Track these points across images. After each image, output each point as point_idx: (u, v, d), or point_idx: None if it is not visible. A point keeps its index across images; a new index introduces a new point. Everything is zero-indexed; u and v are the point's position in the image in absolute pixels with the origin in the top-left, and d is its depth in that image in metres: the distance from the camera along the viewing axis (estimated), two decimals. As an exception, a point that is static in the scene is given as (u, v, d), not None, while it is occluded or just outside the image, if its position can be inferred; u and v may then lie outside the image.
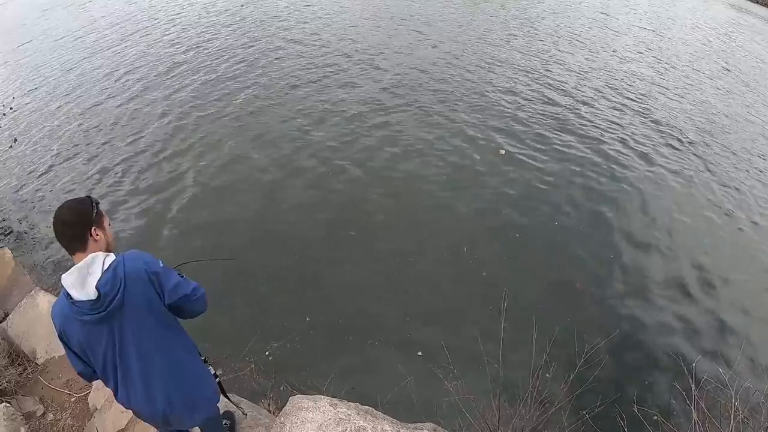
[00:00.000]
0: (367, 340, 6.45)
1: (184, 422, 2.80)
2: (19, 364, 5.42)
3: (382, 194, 9.00)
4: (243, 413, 3.88)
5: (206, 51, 15.69)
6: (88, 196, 2.56)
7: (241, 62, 14.65)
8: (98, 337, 2.43)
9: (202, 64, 14.73)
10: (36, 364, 5.47)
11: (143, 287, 2.41)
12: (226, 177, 9.56)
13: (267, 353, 6.19)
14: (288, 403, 3.25)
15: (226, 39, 16.56)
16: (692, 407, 4.32)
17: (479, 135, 10.95)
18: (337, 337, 6.50)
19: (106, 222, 2.56)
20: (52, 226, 2.45)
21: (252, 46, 15.79)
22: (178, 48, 16.26)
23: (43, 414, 5.01)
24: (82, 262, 2.36)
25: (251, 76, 13.67)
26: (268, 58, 14.92)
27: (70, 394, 5.15)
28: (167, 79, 13.91)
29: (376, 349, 6.32)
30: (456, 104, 12.35)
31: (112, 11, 20.72)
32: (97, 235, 2.45)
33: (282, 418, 3.15)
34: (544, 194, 9.13)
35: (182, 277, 2.63)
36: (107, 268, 2.36)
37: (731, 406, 4.34)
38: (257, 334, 6.22)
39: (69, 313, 2.38)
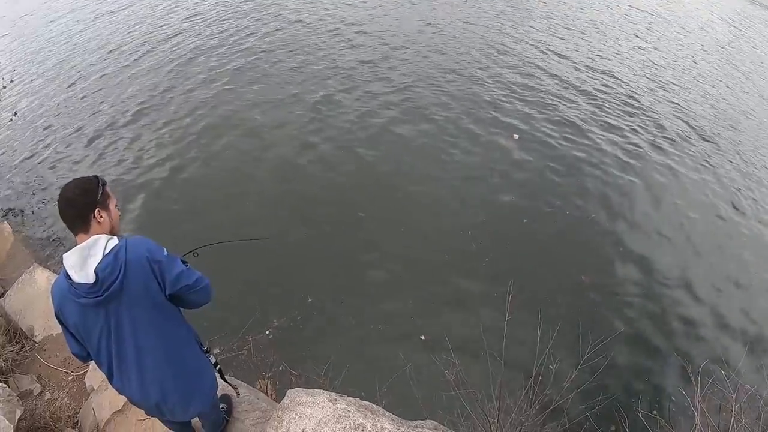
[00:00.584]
0: (369, 324, 6.42)
1: (176, 415, 2.76)
2: (16, 342, 5.41)
3: (392, 176, 8.93)
4: (237, 393, 3.86)
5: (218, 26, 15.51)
6: (96, 176, 2.50)
7: (249, 35, 14.57)
8: (94, 321, 2.39)
9: (206, 36, 14.65)
10: (34, 341, 5.46)
11: (144, 275, 2.37)
12: (232, 154, 9.50)
13: (267, 332, 6.18)
14: (286, 397, 3.20)
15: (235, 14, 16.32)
16: (695, 411, 4.26)
17: (492, 118, 10.84)
18: (338, 319, 6.48)
19: (112, 203, 2.51)
20: (56, 204, 2.41)
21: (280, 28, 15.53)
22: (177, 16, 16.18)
23: (41, 393, 5.01)
24: (84, 243, 2.33)
25: (264, 55, 13.48)
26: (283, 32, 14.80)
27: (67, 373, 5.15)
28: (170, 48, 13.82)
29: (377, 334, 6.29)
30: (470, 87, 12.19)
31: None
32: (101, 217, 2.41)
33: (280, 412, 3.10)
34: (555, 183, 9.03)
35: (186, 265, 2.57)
36: (108, 252, 2.32)
37: (734, 412, 4.31)
38: (257, 313, 6.21)
39: (67, 293, 2.35)
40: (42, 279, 5.79)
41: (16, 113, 11.53)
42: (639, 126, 11.27)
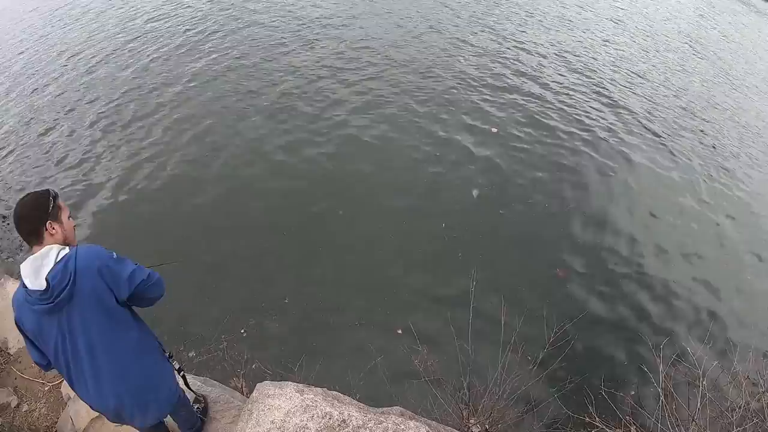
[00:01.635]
0: (344, 321, 6.50)
1: (136, 420, 2.79)
2: (-10, 355, 5.39)
3: (367, 172, 9.03)
4: (203, 401, 3.99)
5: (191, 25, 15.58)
6: (47, 190, 2.57)
7: (218, 37, 14.62)
8: (49, 328, 2.45)
9: (177, 35, 14.72)
10: (8, 354, 5.45)
11: (94, 282, 2.44)
12: (204, 154, 9.55)
13: (242, 331, 6.25)
14: (255, 391, 3.28)
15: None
16: (659, 388, 4.40)
17: (471, 113, 11.00)
18: (313, 317, 6.55)
19: (64, 215, 2.59)
20: None
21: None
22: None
23: (18, 405, 5.00)
24: (38, 252, 2.39)
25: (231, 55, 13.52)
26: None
27: (43, 383, 5.15)
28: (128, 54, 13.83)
29: (352, 330, 6.37)
30: (446, 82, 12.35)
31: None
32: (54, 229, 2.48)
33: (250, 406, 3.18)
34: (534, 175, 9.21)
35: (137, 264, 2.64)
36: (60, 261, 2.39)
37: (699, 386, 4.45)
38: (231, 314, 6.31)
39: (24, 301, 2.42)
40: (13, 291, 5.77)
41: None
42: (612, 119, 11.46)
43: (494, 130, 10.37)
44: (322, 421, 3.00)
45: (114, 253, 2.57)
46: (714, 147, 11.30)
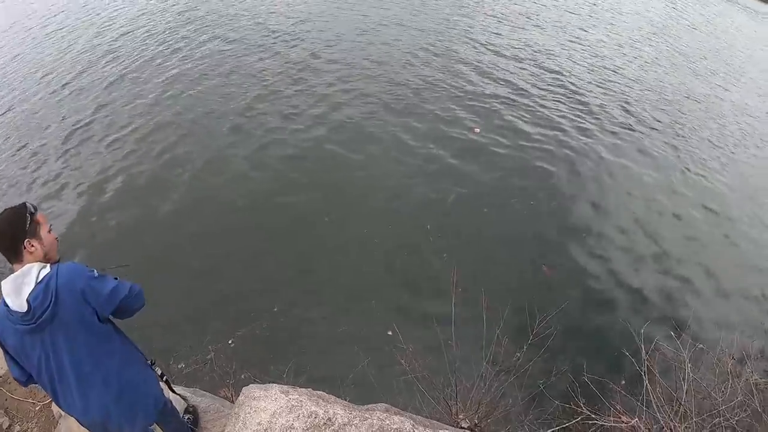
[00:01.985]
0: (331, 326, 6.56)
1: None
2: (-22, 379, 5.38)
3: (352, 178, 9.14)
4: (187, 403, 4.02)
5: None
6: (24, 204, 2.52)
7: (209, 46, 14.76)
8: (32, 346, 2.44)
9: (137, 54, 14.71)
10: (-3, 376, 5.44)
11: (75, 301, 2.41)
12: (194, 160, 9.66)
13: (230, 341, 6.28)
14: (241, 394, 3.31)
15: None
16: (643, 372, 4.46)
17: (451, 115, 11.14)
18: (301, 324, 6.60)
19: (44, 230, 2.54)
20: None
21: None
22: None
23: (9, 426, 5.00)
24: (19, 271, 2.37)
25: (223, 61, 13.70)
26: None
27: (34, 403, 5.15)
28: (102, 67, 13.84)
29: (341, 334, 6.42)
30: (429, 85, 12.52)
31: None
32: (33, 246, 2.44)
33: (237, 409, 3.22)
34: (518, 173, 9.37)
35: (116, 279, 2.63)
36: (40, 281, 2.37)
37: (684, 367, 4.51)
38: (218, 325, 6.38)
39: (5, 318, 2.40)
40: None
41: None
42: (590, 115, 11.65)
43: (477, 130, 10.50)
44: (308, 421, 3.04)
45: (95, 271, 2.54)
46: (688, 138, 11.45)
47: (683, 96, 13.67)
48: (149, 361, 2.97)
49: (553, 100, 12.12)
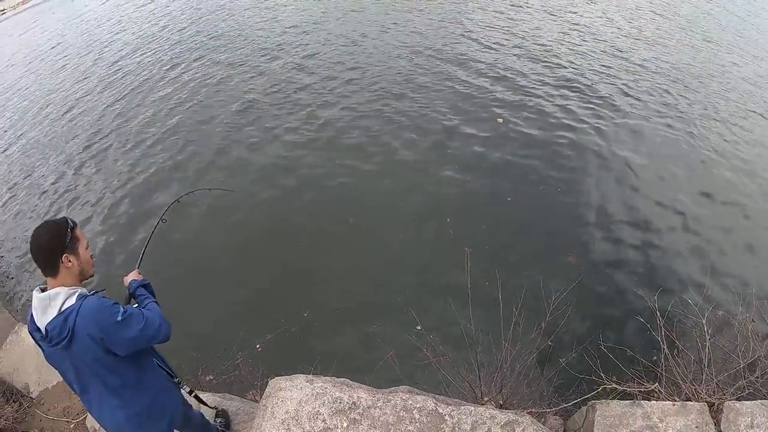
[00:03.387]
0: (358, 326, 6.66)
1: None
2: (14, 401, 5.50)
3: (374, 176, 9.34)
4: (218, 413, 4.20)
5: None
6: (65, 219, 2.57)
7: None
8: (56, 356, 2.56)
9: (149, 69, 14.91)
10: (30, 398, 5.57)
11: (91, 342, 2.44)
12: (214, 166, 10.09)
13: (257, 346, 6.41)
14: (268, 387, 3.40)
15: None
16: (661, 338, 4.48)
17: (474, 107, 11.25)
18: (327, 325, 6.73)
19: (82, 247, 2.59)
20: (30, 257, 2.54)
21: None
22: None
23: (46, 445, 5.12)
24: (46, 293, 2.44)
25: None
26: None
27: (68, 421, 5.25)
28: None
29: (367, 334, 6.50)
30: (452, 73, 12.76)
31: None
32: (69, 262, 2.49)
33: (264, 401, 3.30)
34: (540, 162, 9.39)
35: (144, 316, 2.62)
36: (62, 311, 2.42)
37: (703, 331, 4.52)
38: (246, 327, 6.53)
39: (31, 329, 2.55)
40: (28, 336, 5.89)
41: None
42: (619, 102, 11.53)
43: (500, 120, 10.58)
44: (333, 406, 3.13)
45: (119, 312, 2.51)
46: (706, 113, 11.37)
47: (717, 78, 13.48)
48: (176, 380, 3.04)
49: (581, 87, 12.09)
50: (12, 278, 8.33)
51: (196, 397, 3.37)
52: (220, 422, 4.20)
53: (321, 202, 8.84)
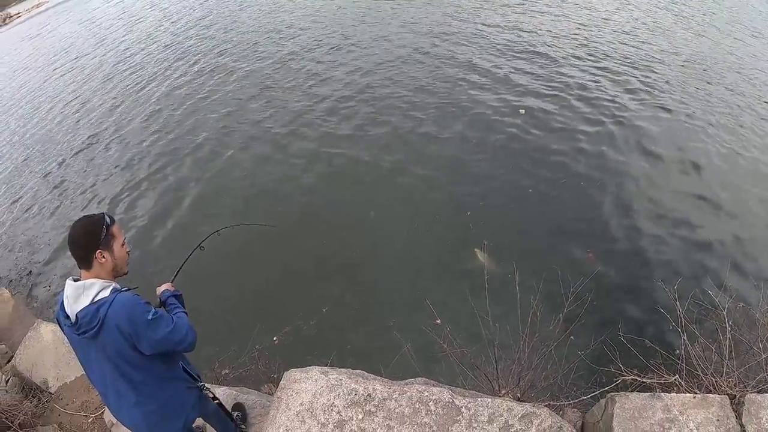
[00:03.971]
0: (377, 320, 6.66)
1: None
2: (33, 396, 5.57)
3: (395, 169, 9.39)
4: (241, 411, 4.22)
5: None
6: (102, 215, 2.61)
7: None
8: (81, 346, 2.59)
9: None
10: (49, 393, 5.63)
11: (119, 336, 2.47)
12: (238, 163, 10.23)
13: (275, 339, 6.44)
14: (283, 379, 3.40)
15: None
16: (681, 329, 4.41)
17: (498, 95, 11.32)
18: (344, 319, 6.75)
19: (117, 244, 2.62)
20: (66, 252, 2.61)
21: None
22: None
23: (65, 440, 5.17)
24: (81, 282, 2.48)
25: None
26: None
27: (86, 415, 5.30)
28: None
29: (385, 328, 6.46)
30: (474, 65, 12.80)
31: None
32: (103, 258, 2.53)
33: (279, 393, 3.30)
34: (561, 153, 9.35)
35: (173, 321, 2.67)
36: (95, 301, 2.45)
37: (724, 322, 4.45)
38: (264, 320, 6.58)
39: (60, 316, 2.55)
40: (47, 333, 6.00)
41: None
42: (642, 92, 11.43)
43: (522, 111, 10.55)
44: (348, 398, 3.11)
45: (150, 313, 2.55)
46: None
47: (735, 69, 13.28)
48: (199, 384, 3.06)
49: (603, 79, 12.00)
50: (31, 275, 8.42)
51: (220, 404, 3.41)
52: (237, 415, 4.22)
53: (342, 195, 8.90)
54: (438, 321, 5.92)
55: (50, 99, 17.05)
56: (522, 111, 10.59)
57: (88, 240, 2.49)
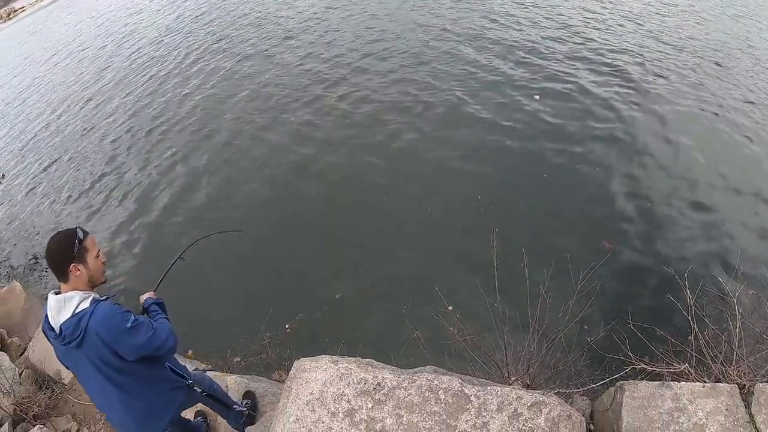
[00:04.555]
0: (390, 308, 6.70)
1: None
2: (46, 388, 5.63)
3: (409, 155, 9.45)
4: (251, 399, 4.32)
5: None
6: (75, 230, 2.72)
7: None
8: (67, 354, 2.73)
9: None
10: (63, 384, 5.69)
11: (101, 345, 2.60)
12: (250, 154, 10.30)
13: (287, 326, 6.51)
14: (293, 368, 3.42)
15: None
16: (690, 317, 4.39)
17: (512, 80, 11.29)
18: (355, 307, 6.83)
19: (91, 256, 2.73)
20: None
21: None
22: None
23: (78, 430, 5.22)
24: (62, 296, 2.61)
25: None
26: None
27: (99, 406, 5.35)
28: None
29: (398, 316, 6.50)
30: (487, 52, 12.75)
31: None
32: (78, 271, 2.65)
33: (289, 382, 3.31)
34: (576, 141, 9.30)
35: (153, 326, 2.80)
36: (76, 313, 2.58)
37: (734, 310, 4.42)
38: (276, 308, 6.63)
39: (45, 328, 2.70)
40: (58, 326, 6.05)
41: (3, 175, 11.97)
42: (658, 78, 11.31)
43: (536, 97, 10.52)
44: (358, 387, 3.12)
45: (130, 320, 2.67)
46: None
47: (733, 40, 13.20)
48: (188, 382, 3.17)
49: (618, 66, 11.86)
50: (43, 267, 8.50)
51: (210, 396, 3.51)
52: (246, 403, 4.27)
53: (353, 183, 8.94)
54: (450, 308, 5.95)
55: (61, 95, 17.17)
56: (537, 96, 10.55)
57: (61, 256, 2.63)
